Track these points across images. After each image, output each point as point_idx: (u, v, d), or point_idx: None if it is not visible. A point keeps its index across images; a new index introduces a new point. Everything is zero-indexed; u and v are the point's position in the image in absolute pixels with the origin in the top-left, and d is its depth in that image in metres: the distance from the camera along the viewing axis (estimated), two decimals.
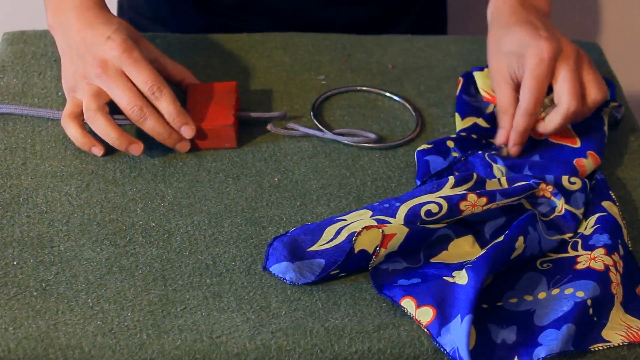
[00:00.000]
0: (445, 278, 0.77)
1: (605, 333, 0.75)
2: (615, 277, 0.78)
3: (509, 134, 0.90)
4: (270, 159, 0.91)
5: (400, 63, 1.05)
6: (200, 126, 0.90)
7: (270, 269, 0.79)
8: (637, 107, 1.64)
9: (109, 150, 0.90)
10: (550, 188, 0.85)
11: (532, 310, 0.76)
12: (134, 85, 0.88)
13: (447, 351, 0.73)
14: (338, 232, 0.81)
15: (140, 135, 0.91)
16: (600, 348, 0.74)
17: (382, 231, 0.77)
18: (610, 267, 0.78)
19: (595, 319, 0.75)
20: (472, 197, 0.81)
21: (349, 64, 1.04)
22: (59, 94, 0.97)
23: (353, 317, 0.76)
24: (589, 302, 0.75)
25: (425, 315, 0.75)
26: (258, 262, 0.81)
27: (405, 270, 0.79)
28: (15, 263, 0.79)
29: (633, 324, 0.76)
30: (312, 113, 0.96)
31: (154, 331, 0.74)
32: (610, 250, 0.79)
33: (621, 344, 0.74)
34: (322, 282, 0.79)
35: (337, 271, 0.78)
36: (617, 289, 0.77)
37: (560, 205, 0.85)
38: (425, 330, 0.74)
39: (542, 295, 0.77)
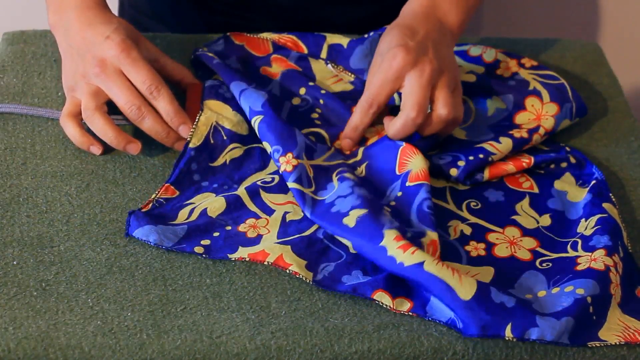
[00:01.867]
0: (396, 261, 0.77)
1: (602, 333, 0.75)
2: (615, 277, 0.78)
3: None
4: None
5: None
6: None
7: (133, 234, 0.81)
8: (637, 107, 1.64)
9: (108, 149, 0.90)
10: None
11: (532, 303, 0.76)
12: (133, 84, 0.88)
13: (445, 321, 0.75)
14: (190, 213, 0.84)
15: (140, 135, 0.91)
16: (597, 345, 0.74)
17: (268, 262, 0.80)
18: (611, 268, 0.78)
19: (594, 317, 0.75)
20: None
21: None
22: (59, 94, 0.97)
23: (353, 317, 0.76)
24: (588, 299, 0.75)
25: (402, 305, 0.77)
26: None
27: (339, 269, 0.80)
28: (15, 263, 0.79)
29: (631, 325, 0.76)
30: None
31: (154, 331, 0.74)
32: (610, 251, 0.79)
33: (618, 344, 0.74)
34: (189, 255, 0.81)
35: (207, 243, 0.81)
36: (615, 290, 0.77)
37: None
38: (411, 313, 0.76)
39: (541, 293, 0.77)
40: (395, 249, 0.77)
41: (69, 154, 0.90)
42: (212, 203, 0.85)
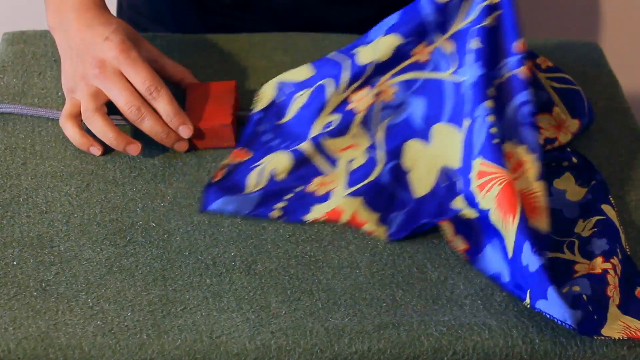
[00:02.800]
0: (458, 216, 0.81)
1: (605, 331, 0.75)
2: (613, 279, 0.78)
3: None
4: None
5: None
6: (199, 126, 0.90)
7: (210, 208, 0.84)
8: (637, 107, 1.64)
9: (108, 150, 0.90)
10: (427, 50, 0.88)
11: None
12: (132, 85, 0.88)
13: (489, 274, 0.79)
14: (260, 176, 0.87)
15: (139, 135, 0.91)
16: (602, 338, 0.74)
17: (343, 221, 0.83)
18: (609, 270, 0.78)
19: (595, 316, 0.75)
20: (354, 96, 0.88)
21: None
22: (59, 94, 0.97)
23: (353, 317, 0.76)
24: (584, 297, 0.75)
25: (460, 243, 0.80)
26: (258, 262, 0.81)
27: (409, 218, 0.83)
28: (15, 263, 0.79)
29: (632, 324, 0.76)
30: None
31: (154, 331, 0.74)
32: (608, 255, 0.79)
33: (620, 339, 0.74)
34: (271, 222, 0.84)
35: (282, 205, 0.83)
36: (613, 292, 0.77)
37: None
38: (462, 255, 0.81)
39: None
40: (475, 187, 0.80)
41: (69, 154, 0.90)
42: (279, 162, 0.87)
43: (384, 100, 0.88)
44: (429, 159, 0.87)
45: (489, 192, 0.79)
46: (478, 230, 0.81)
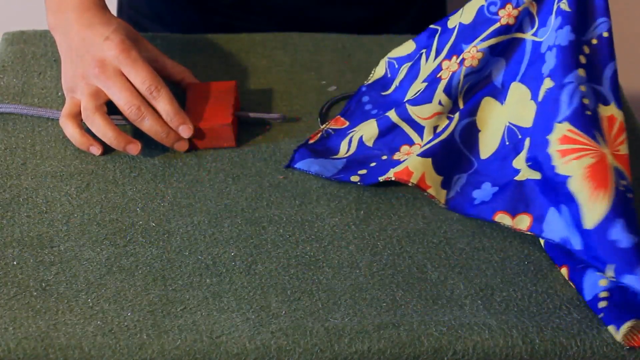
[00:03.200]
0: (516, 179, 0.82)
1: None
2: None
3: None
4: (270, 159, 0.91)
5: None
6: (199, 126, 0.90)
7: (295, 165, 0.89)
8: (637, 107, 1.64)
9: (108, 150, 0.90)
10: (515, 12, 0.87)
11: None
12: (132, 85, 0.88)
13: (557, 242, 0.79)
14: (350, 143, 0.91)
15: (139, 135, 0.91)
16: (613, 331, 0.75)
17: (412, 182, 0.85)
18: None
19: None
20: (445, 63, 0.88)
21: (349, 64, 1.04)
22: (59, 94, 0.97)
23: (353, 317, 0.76)
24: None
25: (522, 222, 0.81)
26: (258, 262, 0.81)
27: (470, 181, 0.85)
28: (15, 263, 0.79)
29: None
30: (319, 119, 0.96)
31: (154, 331, 0.74)
32: None
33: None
34: (344, 184, 0.87)
35: (363, 172, 0.86)
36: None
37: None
38: (529, 232, 0.81)
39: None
40: (555, 151, 0.79)
41: (69, 154, 0.90)
42: (367, 129, 0.90)
43: (471, 66, 0.88)
44: (499, 118, 0.88)
45: (577, 160, 0.78)
46: (539, 193, 0.81)
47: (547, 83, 0.82)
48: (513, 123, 0.86)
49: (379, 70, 0.98)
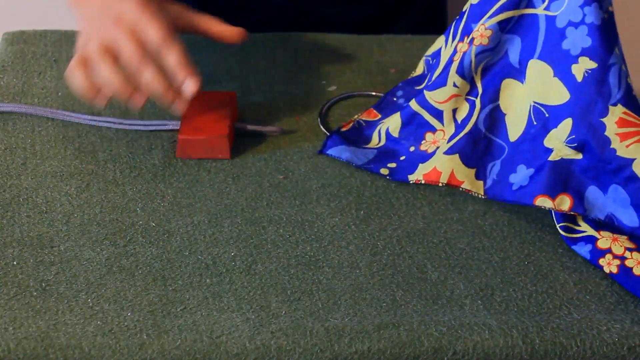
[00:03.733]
0: (550, 159, 0.82)
1: None
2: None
3: None
4: (270, 159, 0.91)
5: (400, 63, 1.05)
6: (195, 136, 0.90)
7: (327, 152, 0.91)
8: None
9: (107, 149, 0.90)
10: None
11: None
12: (144, 43, 0.87)
13: (603, 219, 0.80)
14: (379, 135, 0.92)
15: (140, 135, 0.91)
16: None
17: (442, 183, 0.86)
18: None
19: None
20: (460, 45, 0.89)
21: (349, 64, 1.04)
22: (59, 94, 0.97)
23: (353, 317, 0.76)
24: None
25: (563, 203, 0.80)
26: (258, 262, 0.81)
27: (505, 166, 0.84)
28: (15, 263, 0.79)
29: None
30: (319, 119, 0.96)
31: (154, 331, 0.74)
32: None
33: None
34: (372, 176, 0.89)
35: (393, 166, 0.87)
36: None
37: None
38: (572, 212, 0.81)
39: None
40: (614, 134, 0.79)
41: (69, 154, 0.90)
42: (393, 120, 0.92)
43: (481, 44, 0.87)
44: (522, 97, 0.87)
45: (639, 143, 0.79)
46: (578, 173, 0.81)
47: (587, 63, 0.82)
48: (538, 102, 0.85)
49: (418, 70, 0.99)
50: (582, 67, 0.82)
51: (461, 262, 0.81)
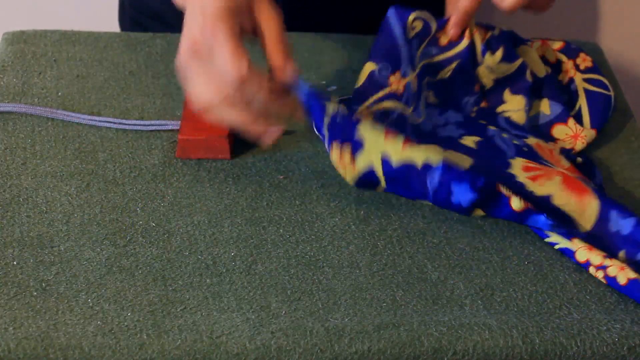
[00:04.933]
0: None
1: None
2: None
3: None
4: (270, 159, 0.92)
5: None
6: (195, 136, 0.90)
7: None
8: (637, 107, 1.64)
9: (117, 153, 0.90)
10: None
11: None
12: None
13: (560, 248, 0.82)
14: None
15: (140, 135, 0.91)
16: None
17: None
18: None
19: None
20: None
21: (349, 64, 1.04)
22: (59, 94, 0.97)
23: (353, 317, 0.76)
24: None
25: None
26: (258, 262, 0.81)
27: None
28: (15, 263, 0.79)
29: None
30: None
31: (154, 331, 0.74)
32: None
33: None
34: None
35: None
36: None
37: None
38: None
39: None
40: (525, 178, 0.82)
41: (69, 154, 0.90)
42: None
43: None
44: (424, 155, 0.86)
45: (549, 180, 0.82)
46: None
47: (472, 138, 0.88)
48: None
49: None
50: (472, 140, 0.87)
51: (461, 262, 0.81)
